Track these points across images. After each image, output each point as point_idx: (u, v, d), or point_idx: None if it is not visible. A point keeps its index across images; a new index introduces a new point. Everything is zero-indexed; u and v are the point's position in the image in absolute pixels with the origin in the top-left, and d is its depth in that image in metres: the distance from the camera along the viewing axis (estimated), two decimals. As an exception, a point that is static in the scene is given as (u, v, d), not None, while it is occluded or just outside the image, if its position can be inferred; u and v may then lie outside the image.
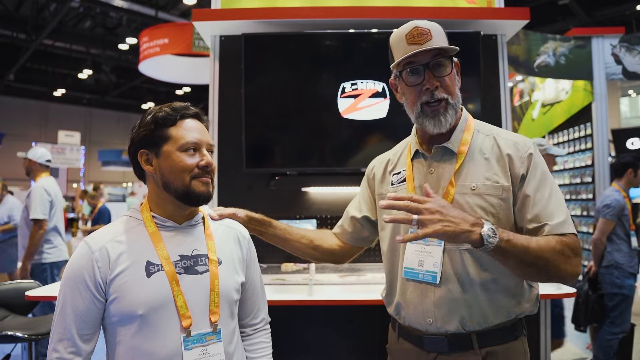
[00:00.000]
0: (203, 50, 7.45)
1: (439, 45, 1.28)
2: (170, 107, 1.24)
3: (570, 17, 10.31)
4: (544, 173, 1.29)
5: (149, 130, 1.21)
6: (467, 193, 1.29)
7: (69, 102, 20.92)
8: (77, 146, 12.35)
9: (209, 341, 1.19)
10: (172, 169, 1.19)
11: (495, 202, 1.27)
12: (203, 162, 1.21)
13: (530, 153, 1.30)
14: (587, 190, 4.59)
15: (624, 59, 4.52)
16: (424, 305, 1.30)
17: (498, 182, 1.28)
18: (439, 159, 1.37)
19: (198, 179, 1.20)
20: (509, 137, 1.35)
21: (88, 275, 1.14)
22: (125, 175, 22.02)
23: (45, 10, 11.84)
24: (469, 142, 1.35)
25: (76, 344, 1.14)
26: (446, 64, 1.32)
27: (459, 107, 1.37)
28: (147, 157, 1.23)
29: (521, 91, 6.09)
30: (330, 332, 2.46)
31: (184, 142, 1.20)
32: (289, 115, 2.79)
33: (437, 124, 1.32)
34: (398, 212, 1.23)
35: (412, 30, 1.30)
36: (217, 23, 2.84)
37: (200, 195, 1.21)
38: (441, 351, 1.29)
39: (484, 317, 1.26)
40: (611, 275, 3.63)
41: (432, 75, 1.30)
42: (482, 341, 1.26)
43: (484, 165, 1.31)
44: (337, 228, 1.68)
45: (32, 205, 3.80)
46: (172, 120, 1.21)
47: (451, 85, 1.33)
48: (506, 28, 2.93)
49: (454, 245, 1.27)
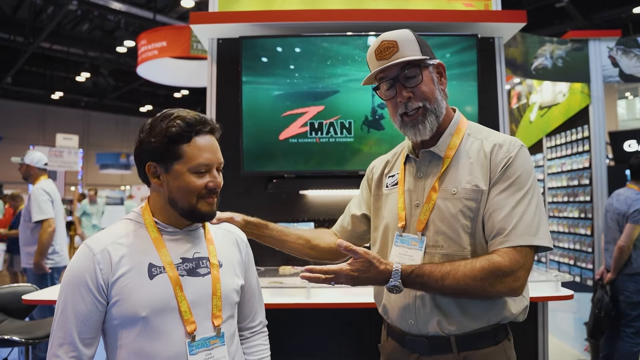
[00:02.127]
0: (201, 53, 7.45)
1: (402, 59, 1.28)
2: (185, 121, 1.17)
3: (568, 20, 10.35)
4: (518, 179, 1.25)
5: (161, 144, 1.16)
6: (448, 198, 1.30)
7: (67, 105, 20.89)
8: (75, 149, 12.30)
9: (213, 345, 1.19)
10: (180, 189, 1.18)
11: (473, 205, 1.27)
12: (212, 184, 1.20)
13: (510, 157, 1.27)
14: (584, 193, 4.60)
15: (620, 62, 4.54)
16: (405, 307, 1.32)
17: (478, 185, 1.28)
18: (427, 163, 1.38)
19: (204, 200, 1.20)
20: (495, 139, 1.33)
21: (90, 277, 1.13)
22: (123, 178, 21.97)
23: (42, 13, 11.82)
24: (457, 146, 1.35)
25: (77, 348, 1.12)
26: (415, 73, 1.31)
27: (442, 110, 1.35)
28: (156, 170, 1.20)
29: (519, 94, 6.11)
30: (328, 335, 2.45)
31: (197, 163, 1.17)
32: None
33: (417, 132, 1.33)
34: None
35: (380, 45, 1.31)
36: (215, 26, 2.85)
37: (205, 214, 1.22)
38: (422, 352, 1.31)
39: (462, 322, 1.27)
40: (636, 283, 3.48)
41: (403, 87, 1.31)
42: (461, 345, 1.27)
43: (467, 169, 1.31)
44: (337, 226, 1.70)
45: (33, 209, 3.79)
46: (187, 138, 1.17)
47: (427, 92, 1.32)
48: (503, 31, 2.94)
49: (432, 249, 1.30)
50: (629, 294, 3.51)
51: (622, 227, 3.54)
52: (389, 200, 1.45)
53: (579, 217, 4.65)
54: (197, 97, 17.45)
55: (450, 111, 1.41)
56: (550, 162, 5.37)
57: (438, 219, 1.30)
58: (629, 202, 3.53)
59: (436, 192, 1.31)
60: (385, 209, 1.45)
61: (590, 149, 4.55)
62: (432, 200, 1.31)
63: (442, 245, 1.28)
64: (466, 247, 1.26)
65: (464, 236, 1.27)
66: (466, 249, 1.26)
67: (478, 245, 1.27)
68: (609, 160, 5.32)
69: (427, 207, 1.31)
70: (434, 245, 1.30)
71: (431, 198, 1.31)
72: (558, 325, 4.83)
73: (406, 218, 1.36)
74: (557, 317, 4.82)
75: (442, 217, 1.29)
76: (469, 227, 1.27)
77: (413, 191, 1.37)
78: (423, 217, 1.32)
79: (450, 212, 1.28)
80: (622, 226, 3.56)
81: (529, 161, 1.30)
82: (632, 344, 3.51)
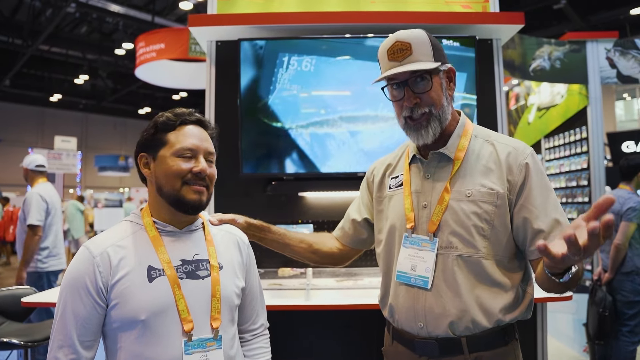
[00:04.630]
0: (199, 56, 7.46)
1: (413, 68, 1.26)
2: (173, 112, 1.24)
3: (565, 22, 10.39)
4: (543, 182, 1.29)
5: (150, 134, 1.22)
6: (462, 199, 1.29)
7: (66, 107, 20.91)
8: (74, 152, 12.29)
9: (209, 347, 1.18)
10: (164, 173, 1.19)
11: (490, 209, 1.27)
12: (197, 168, 1.19)
13: (527, 162, 1.29)
14: (582, 194, 4.61)
15: (618, 63, 4.56)
16: (415, 309, 1.31)
17: (493, 189, 1.28)
18: (436, 164, 1.37)
19: (189, 186, 1.18)
20: (507, 142, 1.35)
21: (89, 280, 1.12)
22: (122, 181, 21.97)
23: (41, 15, 11.83)
24: (466, 148, 1.35)
25: (77, 350, 1.12)
26: (426, 78, 1.30)
27: (447, 116, 1.35)
28: (146, 160, 1.23)
29: (517, 95, 6.12)
30: (328, 337, 2.45)
31: (180, 147, 1.19)
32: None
33: (419, 136, 1.33)
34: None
35: (394, 45, 1.30)
36: (213, 28, 2.85)
37: (189, 203, 1.19)
38: (432, 355, 1.29)
39: (473, 322, 1.26)
40: (633, 282, 3.52)
41: (412, 92, 1.30)
42: (471, 346, 1.26)
43: (480, 172, 1.31)
44: (337, 231, 1.68)
45: (27, 213, 3.78)
46: (172, 126, 1.21)
47: (435, 97, 1.31)
48: (501, 32, 2.95)
49: (445, 250, 1.29)
50: (626, 293, 3.55)
51: (617, 226, 3.59)
52: (394, 201, 1.43)
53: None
54: (195, 99, 17.47)
55: (455, 114, 1.41)
56: (548, 163, 5.38)
57: (452, 220, 1.28)
58: (622, 201, 3.60)
59: (449, 194, 1.30)
60: (390, 210, 1.44)
61: (588, 150, 4.56)
62: (445, 202, 1.30)
63: (456, 247, 1.27)
64: (480, 250, 1.26)
65: (479, 238, 1.26)
66: (481, 251, 1.26)
67: (493, 248, 1.27)
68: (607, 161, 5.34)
69: (439, 209, 1.30)
70: (447, 246, 1.29)
71: (444, 199, 1.30)
72: (557, 326, 4.83)
73: (415, 219, 1.35)
74: (555, 318, 4.82)
75: (457, 218, 1.28)
76: (484, 230, 1.26)
77: (420, 192, 1.36)
78: (435, 218, 1.30)
79: (466, 214, 1.27)
80: (616, 226, 3.59)
81: (541, 163, 1.34)
82: (628, 342, 3.55)
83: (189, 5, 10.04)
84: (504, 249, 1.28)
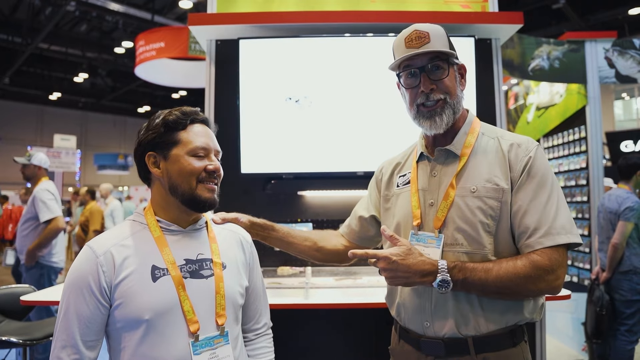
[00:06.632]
0: (199, 54, 7.47)
1: (433, 49, 1.29)
2: (181, 111, 1.24)
3: (564, 21, 10.40)
4: (543, 178, 1.26)
5: (159, 134, 1.21)
6: (467, 195, 1.28)
7: (65, 105, 20.88)
8: (73, 150, 12.30)
9: (217, 344, 1.18)
10: (180, 172, 1.19)
11: (495, 204, 1.26)
12: (211, 166, 1.21)
13: (529, 157, 1.28)
14: (581, 193, 4.62)
15: (616, 63, 4.56)
16: (421, 308, 1.30)
17: (498, 184, 1.27)
18: (442, 161, 1.37)
19: (204, 184, 1.20)
20: (512, 138, 1.34)
21: (93, 280, 1.12)
22: (121, 179, 21.94)
23: (41, 13, 11.82)
24: (473, 145, 1.35)
25: (80, 350, 1.11)
26: (443, 67, 1.32)
27: (459, 107, 1.36)
28: (155, 159, 1.22)
29: (516, 94, 6.13)
30: (327, 336, 2.46)
31: (194, 146, 1.20)
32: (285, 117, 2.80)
33: (433, 124, 1.33)
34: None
35: (412, 34, 1.32)
36: (213, 27, 2.85)
37: (205, 201, 1.21)
38: (438, 354, 1.28)
39: (480, 323, 1.25)
40: (630, 281, 3.53)
41: (428, 78, 1.31)
42: (478, 347, 1.25)
43: (485, 167, 1.30)
44: (344, 228, 1.68)
45: (41, 209, 3.81)
46: (183, 125, 1.22)
47: (451, 86, 1.33)
48: (500, 32, 2.95)
49: (451, 247, 1.28)
50: (624, 292, 3.56)
51: (615, 226, 3.62)
52: (401, 199, 1.43)
53: (576, 217, 4.67)
54: (195, 98, 17.43)
55: (464, 111, 1.42)
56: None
57: (457, 216, 1.28)
58: (620, 201, 3.62)
59: (454, 190, 1.30)
60: (397, 207, 1.44)
61: (587, 150, 4.57)
62: (450, 198, 1.29)
63: (461, 244, 1.27)
64: (486, 246, 1.25)
65: (484, 234, 1.25)
66: (486, 247, 1.25)
67: (499, 245, 1.26)
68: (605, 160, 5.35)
69: (444, 205, 1.30)
70: (452, 243, 1.28)
71: (449, 195, 1.30)
72: (556, 325, 4.85)
73: (421, 216, 1.35)
74: (554, 317, 4.83)
75: (462, 214, 1.27)
76: (490, 226, 1.25)
77: (427, 190, 1.36)
78: (441, 214, 1.30)
79: (471, 210, 1.26)
80: (614, 225, 3.63)
81: (547, 159, 1.31)
82: (627, 341, 3.56)
83: (188, 4, 10.02)
84: (510, 247, 1.27)
